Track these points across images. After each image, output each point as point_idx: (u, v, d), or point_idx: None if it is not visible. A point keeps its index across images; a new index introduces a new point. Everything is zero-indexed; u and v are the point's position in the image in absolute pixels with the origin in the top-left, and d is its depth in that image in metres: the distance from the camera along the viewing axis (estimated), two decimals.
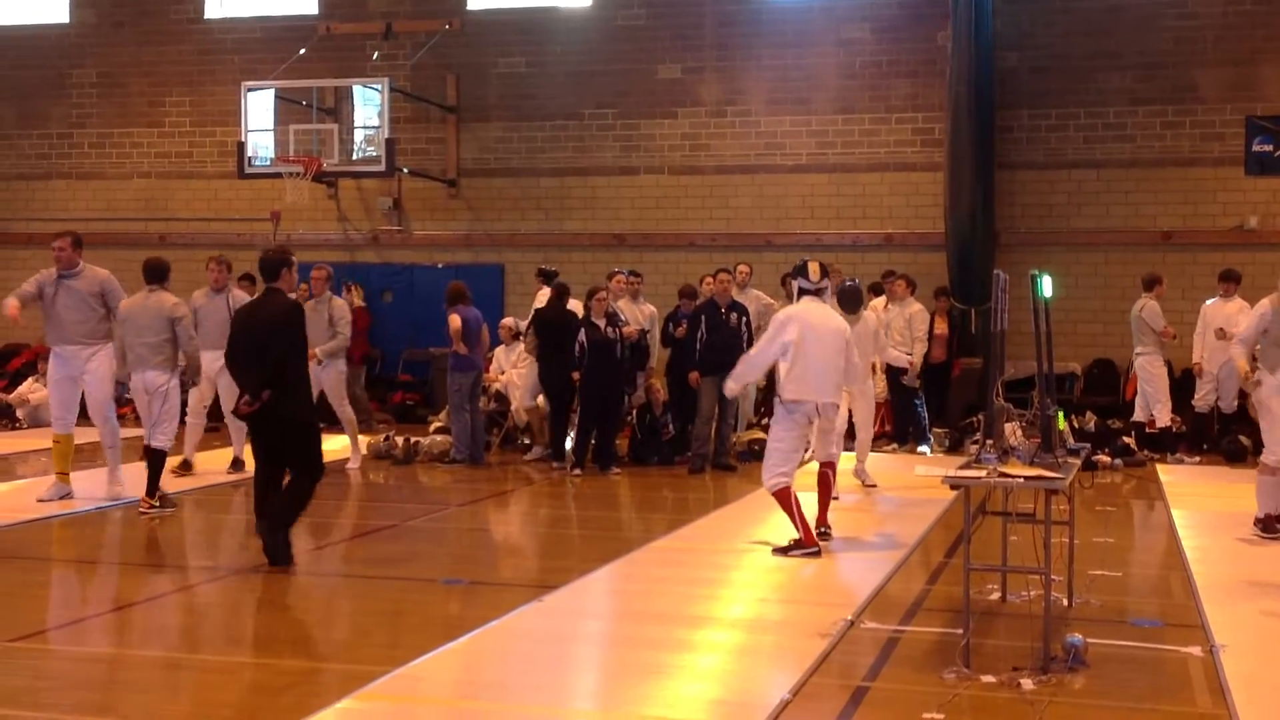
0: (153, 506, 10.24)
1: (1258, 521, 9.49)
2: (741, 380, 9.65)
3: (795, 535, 8.83)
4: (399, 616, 7.46)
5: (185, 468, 12.28)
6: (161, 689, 5.94)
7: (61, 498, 10.57)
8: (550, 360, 13.08)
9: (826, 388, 8.88)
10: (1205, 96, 16.71)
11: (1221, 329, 13.58)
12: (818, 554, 8.75)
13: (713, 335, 13.11)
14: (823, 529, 9.31)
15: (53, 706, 5.65)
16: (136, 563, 9.10)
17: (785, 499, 8.82)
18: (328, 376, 12.58)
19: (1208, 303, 14.46)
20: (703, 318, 13.21)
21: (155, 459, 10.35)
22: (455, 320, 13.19)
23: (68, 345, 10.56)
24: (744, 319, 13.34)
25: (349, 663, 6.32)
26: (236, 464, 12.37)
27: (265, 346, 8.26)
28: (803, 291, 8.99)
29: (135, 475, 10.74)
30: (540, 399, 13.98)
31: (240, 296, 11.98)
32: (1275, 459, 9.30)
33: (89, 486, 10.86)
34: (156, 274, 10.86)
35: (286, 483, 8.54)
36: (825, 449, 9.55)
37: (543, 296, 13.91)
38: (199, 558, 9.40)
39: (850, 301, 10.61)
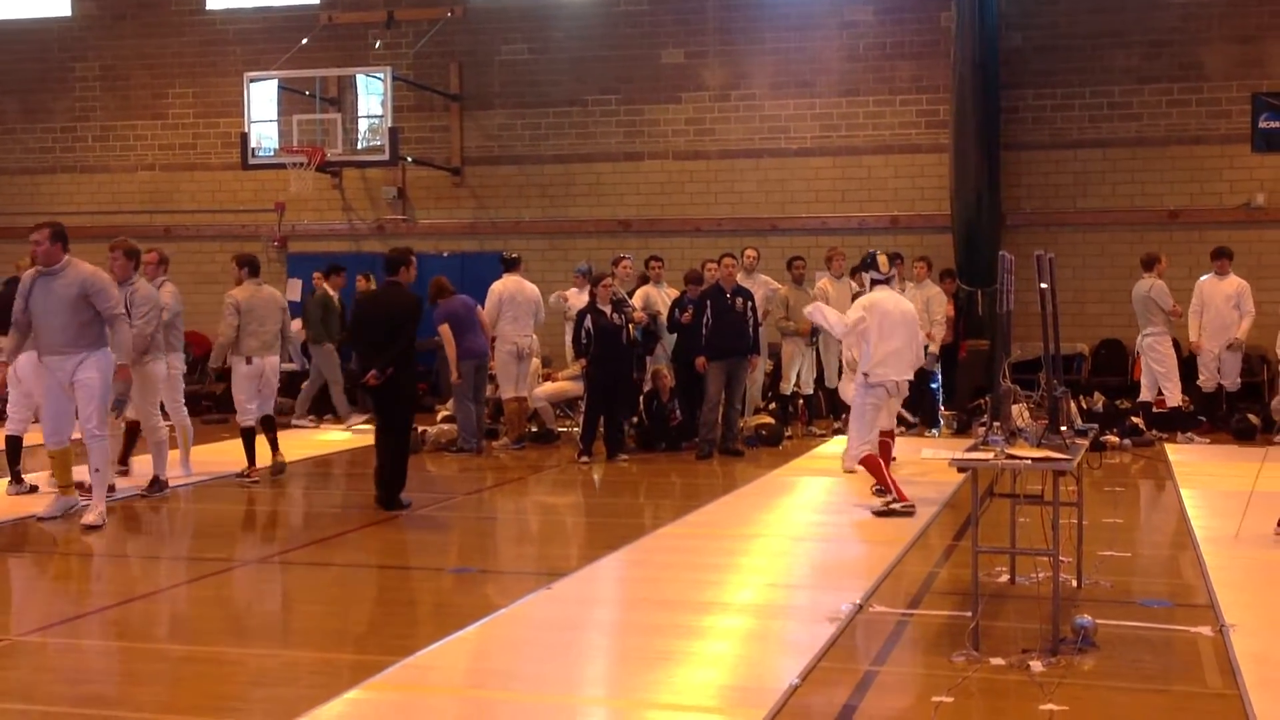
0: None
1: None
2: (823, 322, 10.30)
3: (882, 494, 9.69)
4: (408, 606, 7.47)
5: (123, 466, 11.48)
6: (171, 681, 5.94)
7: (69, 511, 9.60)
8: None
9: (904, 367, 10.02)
10: (1211, 74, 16.63)
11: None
12: (913, 510, 9.50)
13: (719, 320, 13.09)
14: (879, 488, 9.95)
15: (66, 699, 5.66)
16: (143, 555, 9.11)
17: (874, 465, 9.75)
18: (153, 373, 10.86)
19: (1202, 279, 14.43)
20: (708, 303, 13.18)
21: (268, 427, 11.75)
22: (447, 334, 13.27)
23: (51, 355, 9.34)
24: (750, 303, 13.32)
25: (358, 652, 6.33)
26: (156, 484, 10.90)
27: (392, 332, 9.90)
28: (874, 282, 10.10)
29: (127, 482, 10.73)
30: (539, 390, 14.03)
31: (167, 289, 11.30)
32: None
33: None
34: (255, 267, 11.89)
35: (388, 447, 10.19)
36: (888, 420, 10.40)
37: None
38: (205, 550, 9.40)
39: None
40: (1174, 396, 14.08)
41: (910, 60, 17.48)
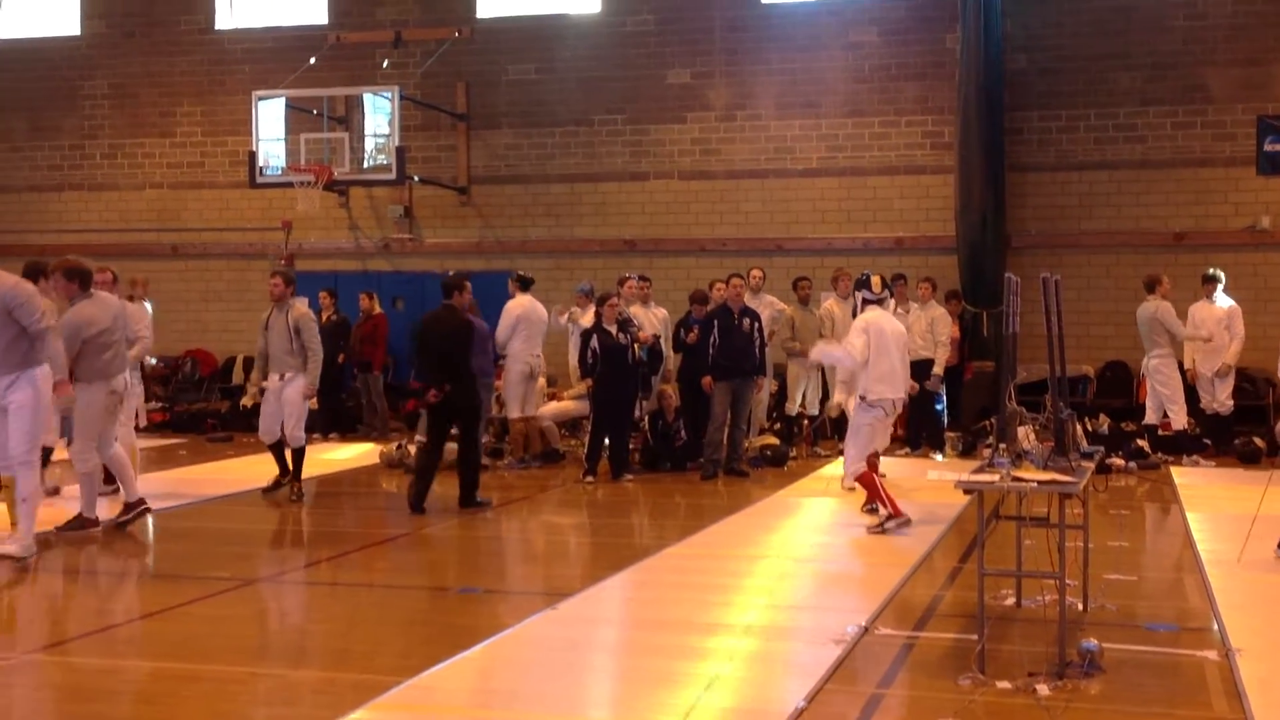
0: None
1: None
2: (827, 359, 10.78)
3: (878, 510, 9.87)
4: (412, 626, 7.46)
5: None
6: (175, 700, 5.94)
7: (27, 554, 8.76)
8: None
9: (899, 385, 10.20)
10: (1216, 96, 16.65)
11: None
12: (909, 522, 9.73)
13: (725, 340, 13.10)
14: (870, 506, 10.19)
15: (69, 717, 5.66)
16: (147, 574, 9.11)
17: (869, 481, 9.93)
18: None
19: (1194, 305, 14.44)
20: (715, 323, 13.19)
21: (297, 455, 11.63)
22: None
23: None
24: (756, 324, 13.34)
25: (363, 673, 6.32)
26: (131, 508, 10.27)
27: (447, 352, 10.94)
28: (866, 301, 10.24)
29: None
30: (543, 409, 14.04)
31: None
32: None
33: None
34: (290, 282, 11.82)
35: (461, 454, 11.29)
36: (882, 439, 10.46)
37: (581, 313, 14.21)
38: (209, 569, 9.40)
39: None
40: (1179, 419, 14.06)
41: (916, 82, 17.52)
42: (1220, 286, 14.38)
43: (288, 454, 11.78)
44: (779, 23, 17.99)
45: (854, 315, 10.58)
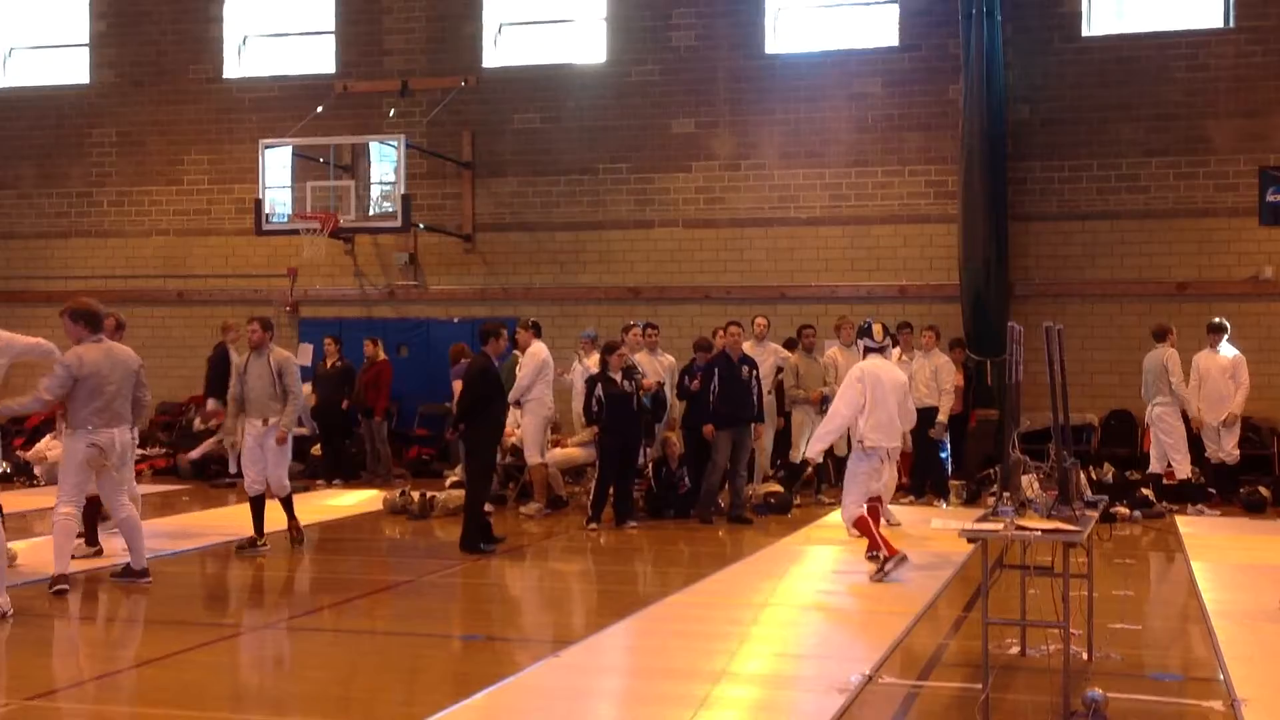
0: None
1: None
2: (825, 444, 10.59)
3: (879, 556, 9.82)
4: (415, 673, 7.43)
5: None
6: None
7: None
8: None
9: (895, 434, 10.27)
10: (1218, 147, 16.74)
11: None
12: (905, 559, 9.80)
13: (726, 388, 13.15)
14: (873, 553, 10.10)
15: None
16: (150, 620, 9.07)
17: (864, 526, 9.97)
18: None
19: (1199, 355, 14.46)
20: (716, 371, 13.24)
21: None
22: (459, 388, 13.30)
23: None
24: (754, 372, 13.42)
25: None
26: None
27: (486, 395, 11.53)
28: (868, 350, 10.34)
29: None
30: (548, 455, 14.02)
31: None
32: None
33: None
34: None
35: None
36: (880, 485, 10.54)
37: (585, 357, 14.20)
38: (210, 616, 9.39)
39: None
40: (1183, 468, 14.04)
41: (919, 132, 17.62)
42: (1225, 336, 14.40)
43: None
44: (783, 73, 18.12)
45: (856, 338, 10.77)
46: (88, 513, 10.43)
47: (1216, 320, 14.60)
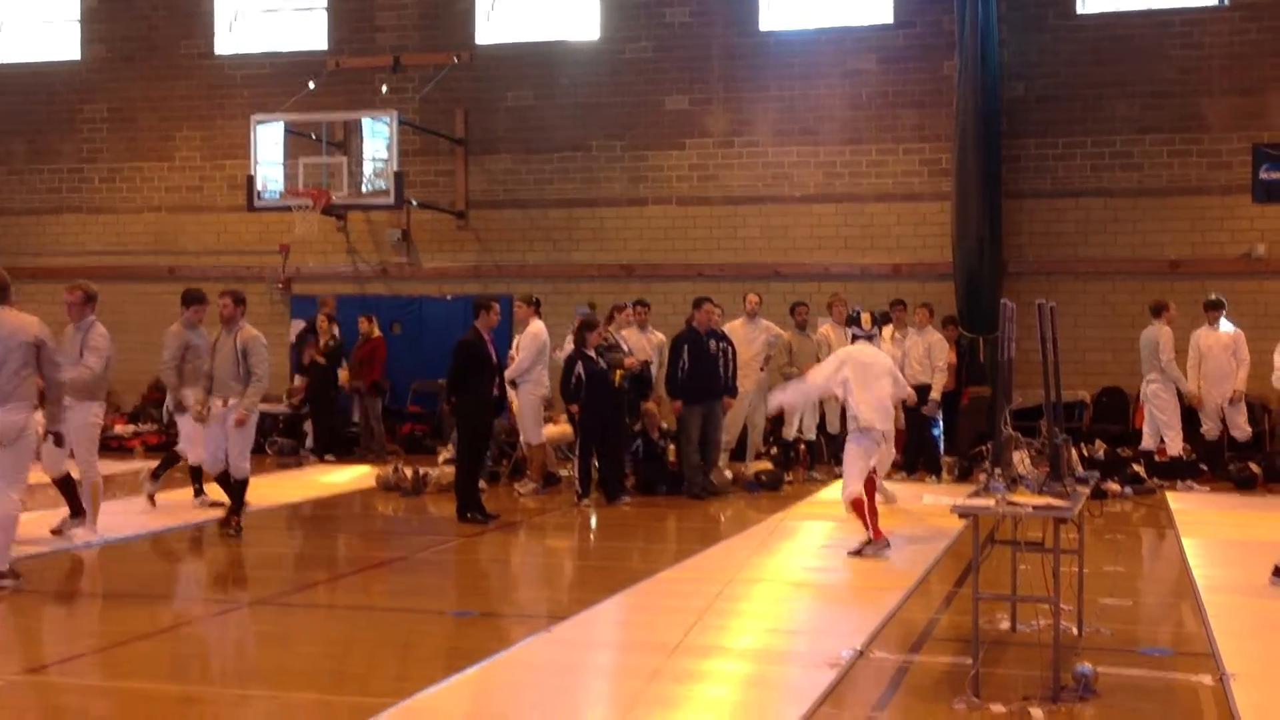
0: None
1: None
2: (794, 402, 11.03)
3: (864, 538, 9.92)
4: (407, 648, 7.45)
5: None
6: None
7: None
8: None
9: (888, 417, 10.40)
10: (1212, 125, 16.73)
11: None
12: (887, 545, 9.87)
13: (695, 363, 13.25)
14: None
15: None
16: (143, 595, 9.08)
17: (859, 507, 10.03)
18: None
19: (1197, 332, 14.47)
20: (686, 346, 13.32)
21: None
22: None
23: None
24: (723, 346, 13.48)
25: (357, 695, 6.31)
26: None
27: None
28: (855, 336, 10.57)
29: None
30: (544, 432, 14.02)
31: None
32: None
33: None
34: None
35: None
36: (879, 462, 10.70)
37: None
38: (206, 590, 9.40)
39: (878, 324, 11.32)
40: (1175, 445, 14.08)
41: (913, 109, 17.60)
42: (1224, 312, 14.41)
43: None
44: (777, 50, 18.08)
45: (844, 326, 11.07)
46: (66, 489, 10.30)
47: (1214, 297, 14.61)
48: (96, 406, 10.50)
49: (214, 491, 11.71)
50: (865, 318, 10.52)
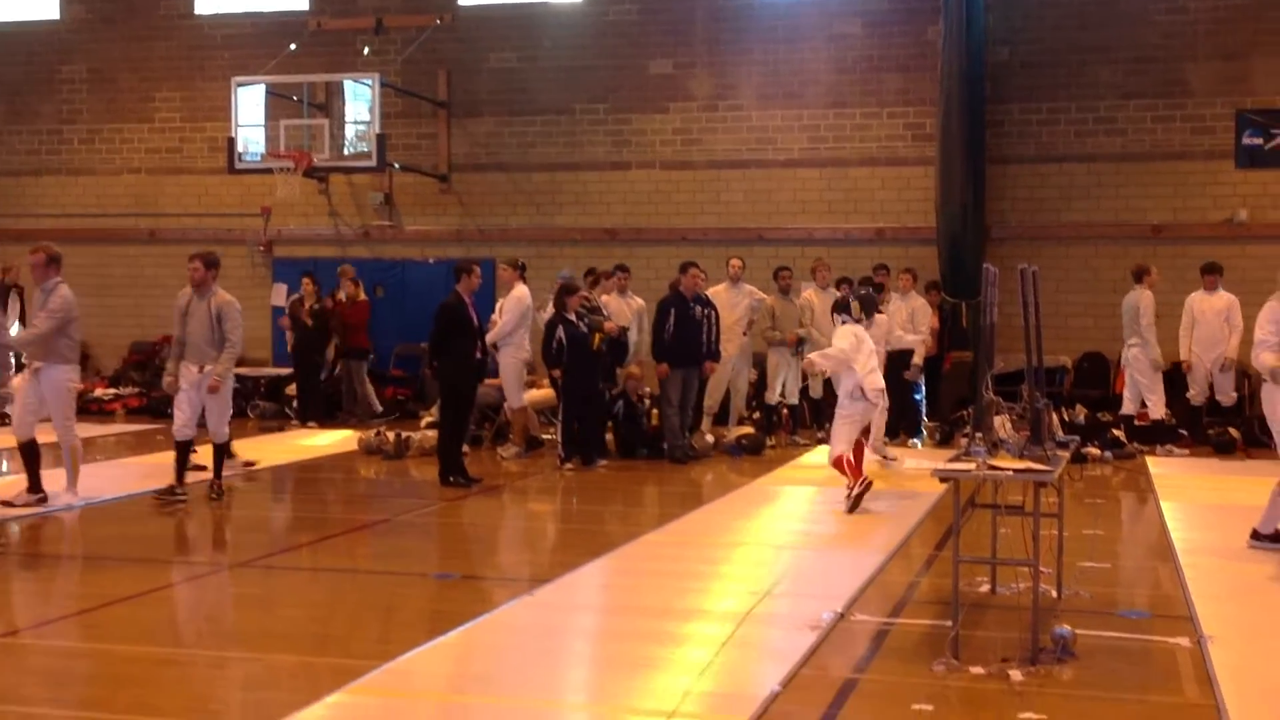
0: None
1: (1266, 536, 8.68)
2: (830, 366, 11.18)
3: (850, 494, 10.19)
4: (390, 611, 7.47)
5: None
6: (153, 684, 5.93)
7: None
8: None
9: (880, 378, 10.87)
10: (1195, 90, 16.73)
11: None
12: (869, 483, 10.27)
13: (680, 328, 13.27)
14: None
15: (45, 701, 5.65)
16: (124, 558, 9.06)
17: (840, 465, 10.41)
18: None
19: (1192, 296, 14.50)
20: (671, 310, 13.33)
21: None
22: None
23: None
24: (708, 312, 13.50)
25: (340, 657, 6.32)
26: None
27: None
28: (844, 323, 10.88)
29: None
30: (526, 397, 14.01)
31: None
32: None
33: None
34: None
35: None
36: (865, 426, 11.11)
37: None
38: (188, 553, 9.40)
39: (868, 307, 11.44)
40: (1157, 409, 14.15)
41: (898, 73, 17.55)
42: (1220, 278, 14.40)
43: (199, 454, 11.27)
44: (761, 13, 17.99)
45: (832, 312, 11.27)
46: (30, 459, 10.25)
47: (1211, 262, 14.59)
48: (71, 370, 10.37)
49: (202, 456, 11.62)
50: (855, 307, 10.98)
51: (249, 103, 17.68)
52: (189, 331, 10.74)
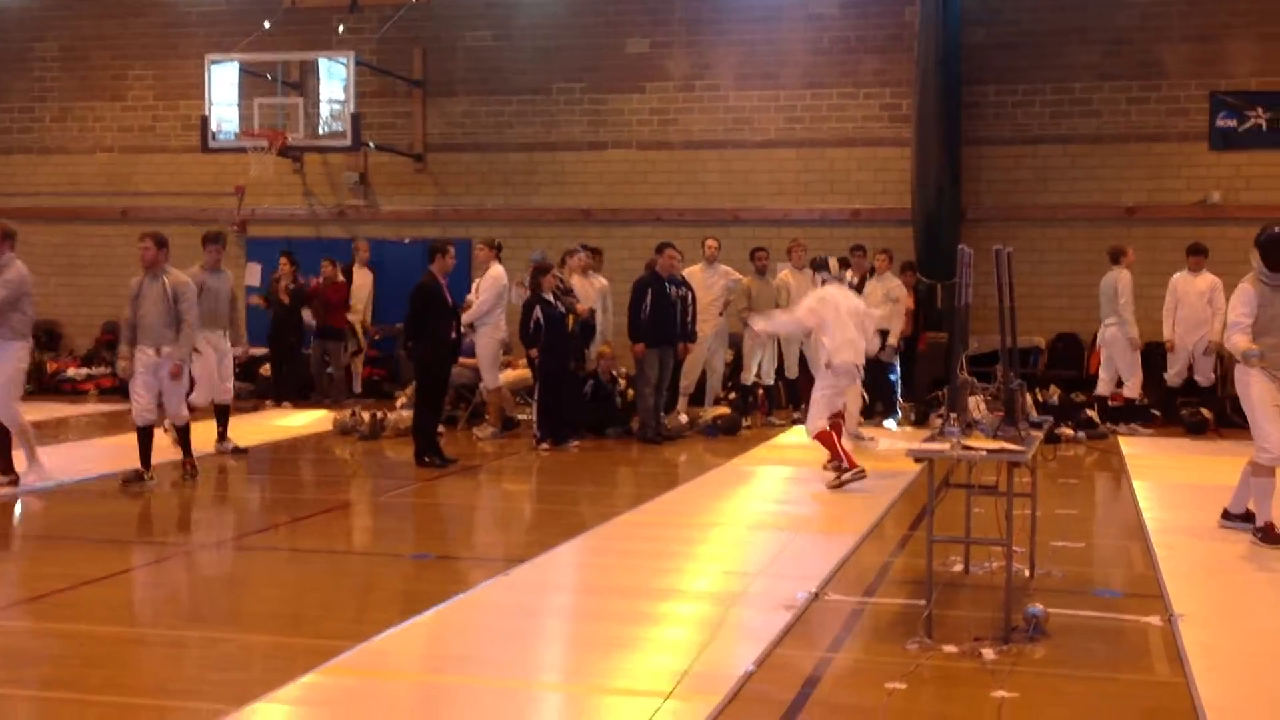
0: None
1: (1259, 530, 8.39)
2: (774, 328, 11.46)
3: (840, 467, 10.36)
4: (365, 591, 7.46)
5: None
6: (126, 663, 5.91)
7: None
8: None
9: (860, 352, 10.91)
10: (1170, 72, 16.78)
11: None
12: (864, 474, 10.27)
13: (657, 308, 13.27)
14: (834, 463, 10.61)
15: (14, 682, 5.62)
16: (97, 539, 9.02)
17: (827, 438, 10.51)
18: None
19: (1175, 276, 14.55)
20: (648, 290, 13.33)
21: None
22: None
23: None
24: (683, 292, 13.56)
25: (314, 637, 6.31)
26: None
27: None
28: (824, 281, 11.05)
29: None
30: (501, 378, 13.99)
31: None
32: (1269, 457, 8.30)
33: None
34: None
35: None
36: (843, 403, 11.19)
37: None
38: (161, 534, 9.36)
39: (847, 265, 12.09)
40: (1133, 388, 14.22)
41: (874, 54, 17.54)
42: (1206, 259, 14.43)
43: (167, 438, 11.24)
44: None
45: (811, 269, 11.52)
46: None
47: (1196, 243, 14.63)
48: (20, 346, 10.12)
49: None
50: (833, 263, 11.07)
51: (223, 81, 17.53)
52: (143, 314, 10.47)
